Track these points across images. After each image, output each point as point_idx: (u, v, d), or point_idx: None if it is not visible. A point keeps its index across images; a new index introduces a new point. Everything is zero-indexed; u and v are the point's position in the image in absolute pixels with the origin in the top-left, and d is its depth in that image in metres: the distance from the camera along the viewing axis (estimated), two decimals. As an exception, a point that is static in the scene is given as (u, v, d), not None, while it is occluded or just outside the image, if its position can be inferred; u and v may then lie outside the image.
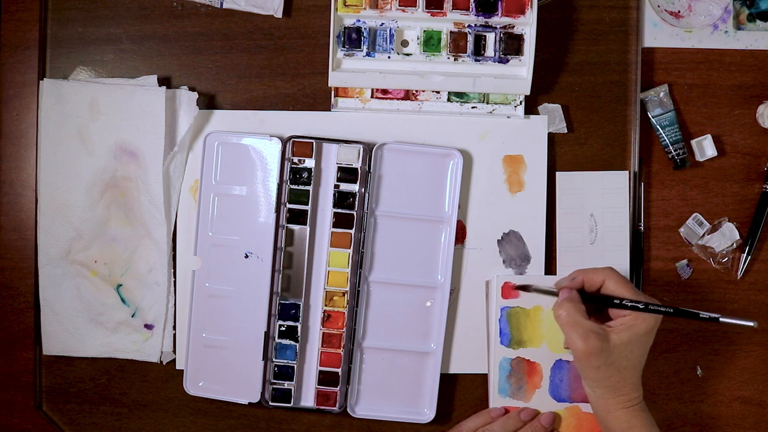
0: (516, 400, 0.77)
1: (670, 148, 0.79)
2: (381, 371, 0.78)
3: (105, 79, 0.78)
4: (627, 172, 0.78)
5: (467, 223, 0.78)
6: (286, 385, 0.78)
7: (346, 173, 0.76)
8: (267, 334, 0.77)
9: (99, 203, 0.77)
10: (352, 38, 0.75)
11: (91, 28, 0.78)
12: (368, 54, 0.76)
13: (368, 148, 0.76)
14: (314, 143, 0.76)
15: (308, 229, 0.77)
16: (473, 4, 0.74)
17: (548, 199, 0.78)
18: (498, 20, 0.75)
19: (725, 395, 0.81)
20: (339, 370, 0.77)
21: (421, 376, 0.78)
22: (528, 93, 0.76)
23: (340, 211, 0.76)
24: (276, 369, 0.78)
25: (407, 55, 0.76)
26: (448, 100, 0.77)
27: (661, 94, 0.79)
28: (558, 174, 0.78)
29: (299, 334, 0.77)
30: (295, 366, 0.77)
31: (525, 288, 0.75)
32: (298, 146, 0.76)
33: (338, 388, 0.77)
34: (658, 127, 0.79)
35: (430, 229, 0.77)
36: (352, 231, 0.77)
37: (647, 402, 0.80)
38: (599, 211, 0.78)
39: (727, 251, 0.80)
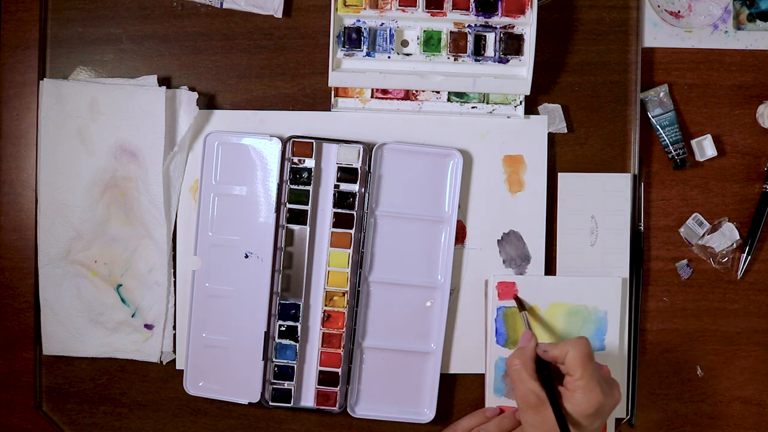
0: (511, 400, 0.77)
1: (670, 148, 0.79)
2: (381, 371, 0.78)
3: (105, 79, 0.78)
4: (629, 174, 0.78)
5: (467, 223, 0.78)
6: (286, 385, 0.78)
7: (346, 173, 0.76)
8: (267, 334, 0.77)
9: (99, 203, 0.77)
10: (352, 38, 0.75)
11: (91, 28, 0.78)
12: (368, 54, 0.76)
13: (368, 148, 0.76)
14: (314, 143, 0.76)
15: (308, 229, 0.77)
16: (473, 4, 0.74)
17: (549, 199, 0.78)
18: (498, 20, 0.75)
19: (725, 395, 0.81)
20: (339, 370, 0.77)
21: (421, 376, 0.78)
22: (528, 93, 0.76)
23: (340, 211, 0.76)
24: (276, 369, 0.78)
25: (407, 55, 0.76)
26: (448, 100, 0.77)
27: (661, 94, 0.79)
28: (560, 175, 0.78)
29: (299, 334, 0.77)
30: (295, 366, 0.77)
31: (520, 305, 0.76)
32: (298, 146, 0.76)
33: (338, 388, 0.77)
34: (658, 127, 0.79)
35: (430, 229, 0.77)
36: (352, 231, 0.77)
37: (648, 401, 0.80)
38: (600, 213, 0.78)
39: (727, 251, 0.80)
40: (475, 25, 0.75)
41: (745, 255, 0.80)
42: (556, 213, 0.78)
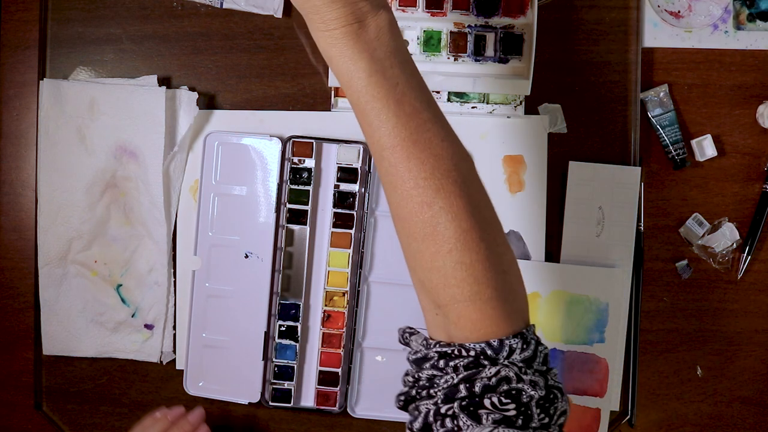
0: None
1: (670, 148, 0.79)
2: (381, 371, 0.78)
3: (105, 79, 0.78)
4: (640, 168, 0.78)
5: (467, 223, 0.78)
6: (286, 385, 0.78)
7: (346, 173, 0.76)
8: (267, 334, 0.77)
9: (99, 203, 0.77)
10: (352, 38, 0.75)
11: (91, 28, 0.78)
12: (368, 54, 0.76)
13: (368, 148, 0.76)
14: (314, 143, 0.76)
15: (308, 229, 0.77)
16: (473, 5, 0.74)
17: (549, 197, 0.78)
18: (498, 20, 0.75)
19: (725, 395, 0.81)
20: (339, 370, 0.77)
21: (421, 376, 0.78)
22: (528, 93, 0.76)
23: (340, 211, 0.76)
24: (276, 369, 0.78)
25: (407, 55, 0.76)
26: (448, 100, 0.77)
27: (661, 94, 0.79)
28: (571, 163, 0.78)
29: (299, 334, 0.77)
30: (295, 366, 0.77)
31: None
32: (298, 146, 0.76)
33: (338, 388, 0.77)
34: (658, 127, 0.79)
35: (430, 229, 0.77)
36: (352, 231, 0.77)
37: (648, 401, 0.80)
38: (608, 204, 0.78)
39: (727, 251, 0.80)
40: (475, 25, 0.75)
41: (745, 255, 0.80)
42: (565, 201, 0.78)
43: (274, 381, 0.78)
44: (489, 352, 0.50)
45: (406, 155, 0.52)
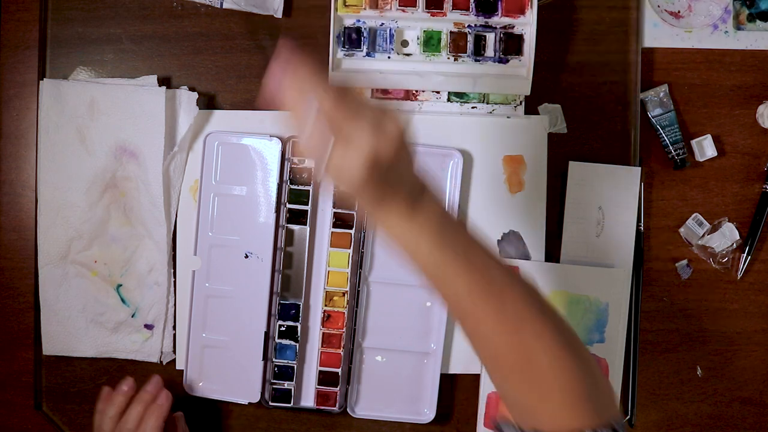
0: None
1: (670, 148, 0.79)
2: (381, 371, 0.78)
3: (105, 79, 0.78)
4: (640, 168, 0.78)
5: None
6: (286, 385, 0.78)
7: (346, 173, 0.76)
8: (267, 334, 0.77)
9: (99, 203, 0.77)
10: (352, 38, 0.75)
11: (91, 28, 0.78)
12: (368, 54, 0.76)
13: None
14: (314, 143, 0.76)
15: (308, 229, 0.77)
16: (473, 4, 0.74)
17: (549, 197, 0.78)
18: (498, 20, 0.75)
19: (725, 395, 0.81)
20: (339, 370, 0.77)
21: (421, 376, 0.78)
22: (528, 93, 0.76)
23: (340, 211, 0.76)
24: (276, 369, 0.78)
25: (407, 55, 0.76)
26: (448, 100, 0.77)
27: (661, 94, 0.79)
28: (570, 163, 0.78)
29: (299, 334, 0.77)
30: (295, 366, 0.77)
31: None
32: (298, 146, 0.76)
33: (338, 388, 0.77)
34: (658, 127, 0.79)
35: (430, 229, 0.77)
36: (352, 231, 0.77)
37: (648, 401, 0.80)
38: (608, 204, 0.78)
39: (727, 251, 0.80)
40: (475, 25, 0.75)
41: (745, 255, 0.80)
42: (565, 201, 0.78)
43: (274, 381, 0.78)
44: None
45: (485, 300, 0.54)
